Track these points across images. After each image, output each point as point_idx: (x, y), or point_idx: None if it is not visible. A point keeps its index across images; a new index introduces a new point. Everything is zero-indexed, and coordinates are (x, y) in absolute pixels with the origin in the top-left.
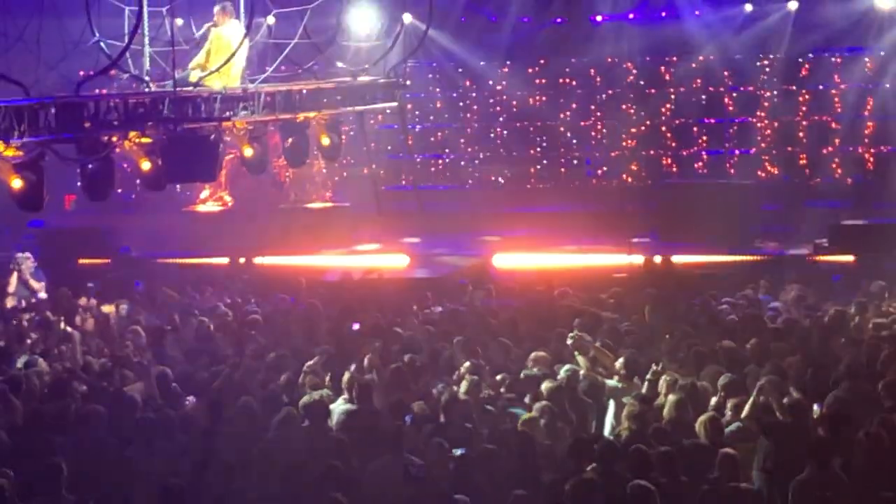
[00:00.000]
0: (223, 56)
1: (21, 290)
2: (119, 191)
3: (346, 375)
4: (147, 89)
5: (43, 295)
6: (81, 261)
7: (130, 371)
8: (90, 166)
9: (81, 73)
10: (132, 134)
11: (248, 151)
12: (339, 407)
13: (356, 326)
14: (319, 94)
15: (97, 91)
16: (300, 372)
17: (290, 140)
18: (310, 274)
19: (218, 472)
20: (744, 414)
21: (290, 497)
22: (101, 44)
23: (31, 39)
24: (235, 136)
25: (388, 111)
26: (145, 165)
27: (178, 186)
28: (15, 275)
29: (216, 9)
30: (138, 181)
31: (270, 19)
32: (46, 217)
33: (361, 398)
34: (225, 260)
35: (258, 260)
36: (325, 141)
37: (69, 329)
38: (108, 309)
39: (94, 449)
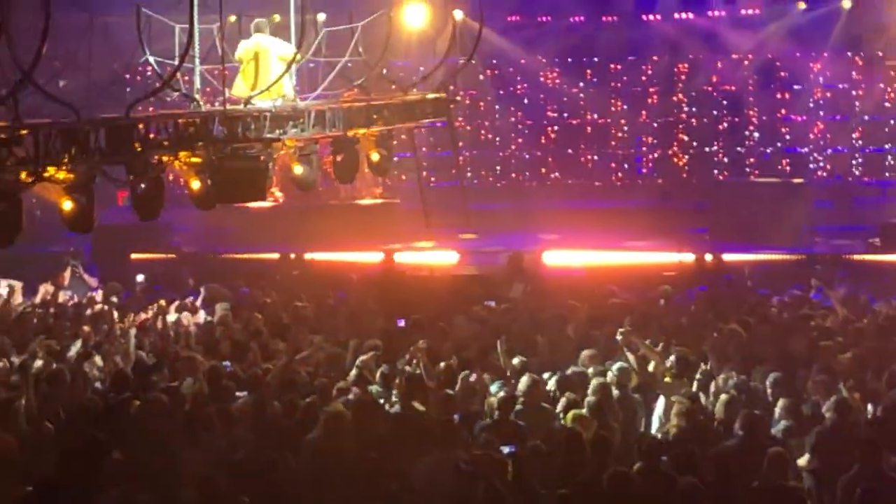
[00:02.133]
0: (267, 72)
1: (76, 285)
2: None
3: (397, 372)
4: (197, 108)
5: (97, 289)
6: (134, 256)
7: (180, 366)
8: (140, 186)
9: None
10: (182, 153)
11: (298, 169)
12: (389, 403)
13: (402, 323)
14: (369, 110)
15: (150, 109)
16: (350, 368)
17: (339, 156)
18: (360, 270)
19: (265, 467)
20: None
21: (339, 493)
22: (152, 63)
23: (82, 62)
24: (285, 154)
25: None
26: (195, 185)
27: None
28: (69, 269)
29: (257, 22)
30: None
31: (321, 15)
32: (100, 212)
33: (411, 395)
34: (276, 255)
35: (309, 256)
36: (375, 156)
37: (121, 324)
38: (159, 304)
39: (142, 442)
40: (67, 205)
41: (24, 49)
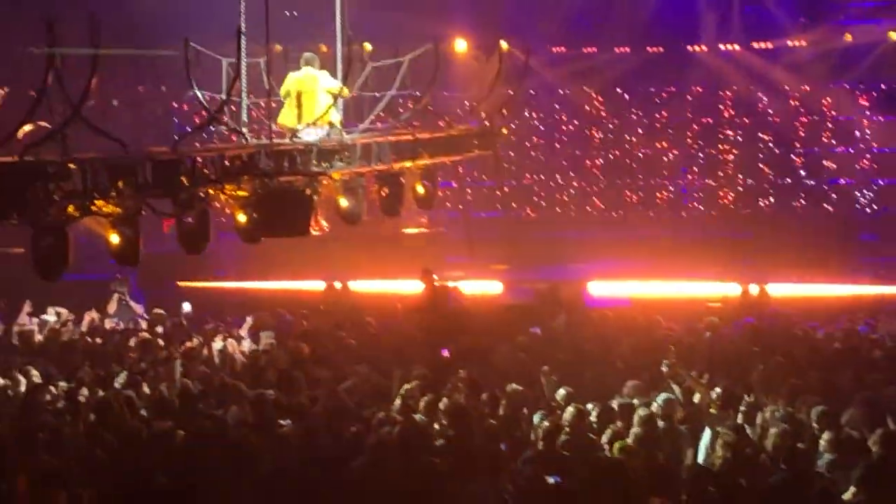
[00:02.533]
0: (314, 105)
1: (122, 313)
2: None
3: (442, 401)
4: (244, 141)
5: (143, 317)
6: (180, 283)
7: (226, 394)
8: (186, 220)
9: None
10: (228, 187)
11: (344, 202)
12: (433, 432)
13: (446, 353)
14: (415, 144)
15: (196, 144)
16: (395, 397)
17: (385, 189)
18: (405, 299)
19: (312, 495)
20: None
21: None
22: (199, 97)
23: (130, 96)
24: (330, 187)
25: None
26: (241, 218)
27: None
28: (115, 297)
29: (307, 56)
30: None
31: (368, 45)
32: (146, 240)
33: (457, 424)
34: (321, 284)
35: (353, 285)
36: (420, 190)
37: (167, 351)
38: (205, 331)
39: (188, 470)
40: (114, 238)
41: (74, 83)
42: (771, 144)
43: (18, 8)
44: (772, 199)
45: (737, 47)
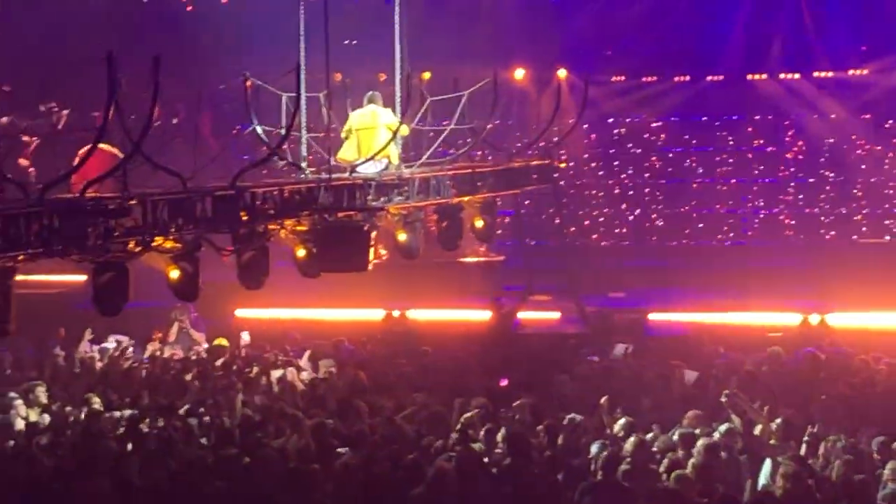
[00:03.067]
0: (373, 140)
1: (183, 340)
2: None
3: (501, 430)
4: (304, 176)
5: (203, 345)
6: (239, 312)
7: (285, 423)
8: (246, 255)
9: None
10: (287, 222)
11: (402, 237)
12: (492, 461)
13: (504, 382)
14: (474, 177)
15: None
16: (455, 425)
17: (443, 223)
18: (463, 328)
19: None
20: None
21: None
22: (259, 132)
23: (189, 131)
24: (389, 222)
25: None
26: (300, 253)
27: None
28: (176, 325)
29: (370, 95)
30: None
31: (426, 75)
32: (205, 268)
33: (515, 453)
34: (379, 313)
35: (411, 313)
36: (479, 223)
37: (228, 380)
38: (266, 361)
39: (249, 499)
40: (174, 273)
41: (133, 119)
42: (831, 173)
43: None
44: (832, 229)
45: (797, 76)
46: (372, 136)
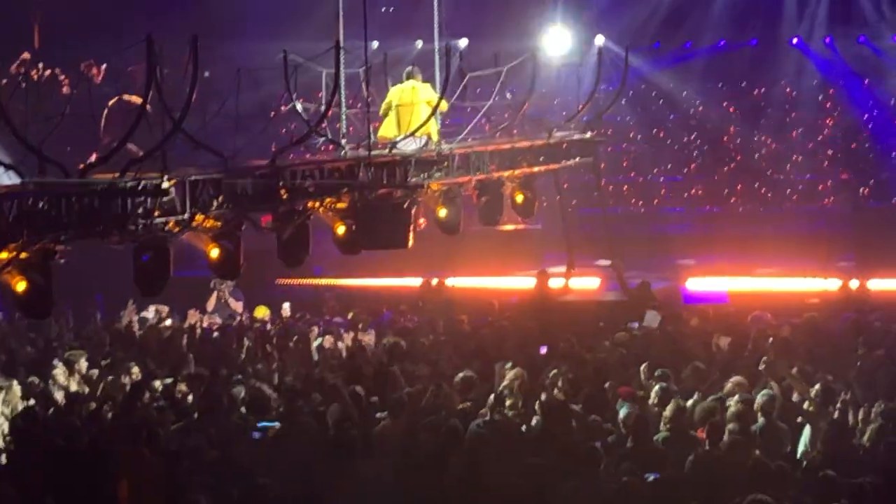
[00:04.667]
0: (410, 116)
1: (222, 309)
2: None
3: (540, 397)
4: (343, 153)
5: (242, 314)
6: (279, 281)
7: (325, 391)
8: (286, 233)
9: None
10: (328, 199)
11: (443, 212)
12: (531, 428)
13: (544, 350)
14: (514, 152)
15: (292, 155)
16: (493, 393)
17: (483, 199)
18: (501, 296)
19: (409, 491)
20: None
21: None
22: (299, 109)
23: (230, 110)
24: (430, 197)
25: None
26: (340, 230)
27: None
28: (215, 294)
29: (409, 70)
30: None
31: (463, 41)
32: (245, 236)
33: (555, 420)
34: (418, 281)
35: (450, 281)
36: (519, 198)
37: (267, 348)
38: (305, 329)
39: (288, 467)
40: (214, 252)
41: (174, 99)
42: (870, 138)
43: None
44: (871, 193)
45: (836, 40)
46: (412, 113)
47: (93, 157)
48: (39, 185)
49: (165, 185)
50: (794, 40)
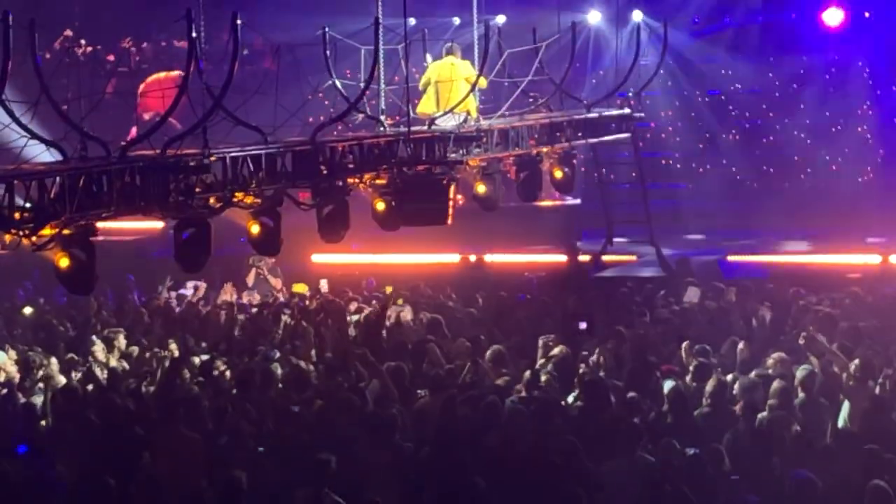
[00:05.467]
0: (450, 92)
1: (261, 286)
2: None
3: (579, 373)
4: (382, 129)
5: (281, 290)
6: (315, 258)
7: (364, 367)
8: (325, 209)
9: (322, 117)
10: (367, 175)
11: (482, 188)
12: (570, 404)
13: (583, 325)
14: (552, 128)
15: (334, 133)
16: (527, 369)
17: (522, 174)
18: (541, 272)
19: (448, 466)
20: None
21: (521, 493)
22: (338, 86)
23: (269, 87)
24: (468, 174)
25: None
26: (379, 206)
27: None
28: (254, 271)
29: (448, 46)
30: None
31: (500, 18)
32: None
33: (594, 396)
34: (456, 258)
35: (489, 258)
36: (558, 174)
37: (305, 325)
38: (343, 306)
39: (329, 443)
40: (255, 228)
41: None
42: None
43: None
44: None
45: (867, 14)
46: (451, 89)
47: (133, 134)
48: (81, 161)
49: (206, 161)
50: (832, 15)
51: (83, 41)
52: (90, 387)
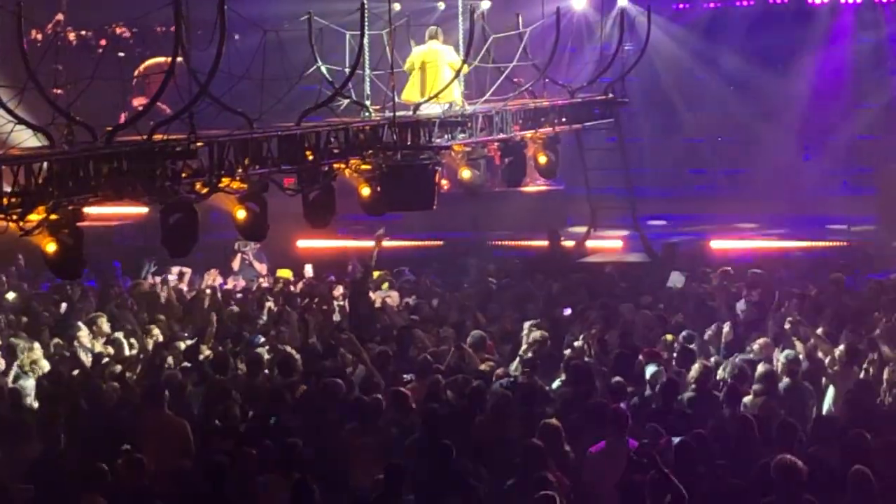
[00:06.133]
0: (437, 79)
1: (246, 271)
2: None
3: (561, 359)
4: (367, 115)
5: (265, 276)
6: (300, 243)
7: (349, 352)
8: (311, 194)
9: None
10: (353, 161)
11: (466, 173)
12: (556, 389)
13: (568, 311)
14: (536, 113)
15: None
16: (517, 354)
17: (507, 160)
18: (525, 256)
19: (437, 451)
20: None
21: (504, 477)
22: (324, 72)
23: (255, 72)
24: (453, 159)
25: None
26: (365, 192)
27: None
28: (239, 256)
29: (431, 30)
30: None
31: (485, 4)
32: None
33: (580, 381)
34: (440, 242)
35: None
36: (542, 159)
37: (290, 310)
38: (327, 291)
39: (315, 427)
40: (241, 214)
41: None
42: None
43: None
44: None
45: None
46: (435, 75)
47: (121, 119)
48: (69, 147)
49: (193, 147)
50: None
51: (69, 27)
52: (76, 372)
